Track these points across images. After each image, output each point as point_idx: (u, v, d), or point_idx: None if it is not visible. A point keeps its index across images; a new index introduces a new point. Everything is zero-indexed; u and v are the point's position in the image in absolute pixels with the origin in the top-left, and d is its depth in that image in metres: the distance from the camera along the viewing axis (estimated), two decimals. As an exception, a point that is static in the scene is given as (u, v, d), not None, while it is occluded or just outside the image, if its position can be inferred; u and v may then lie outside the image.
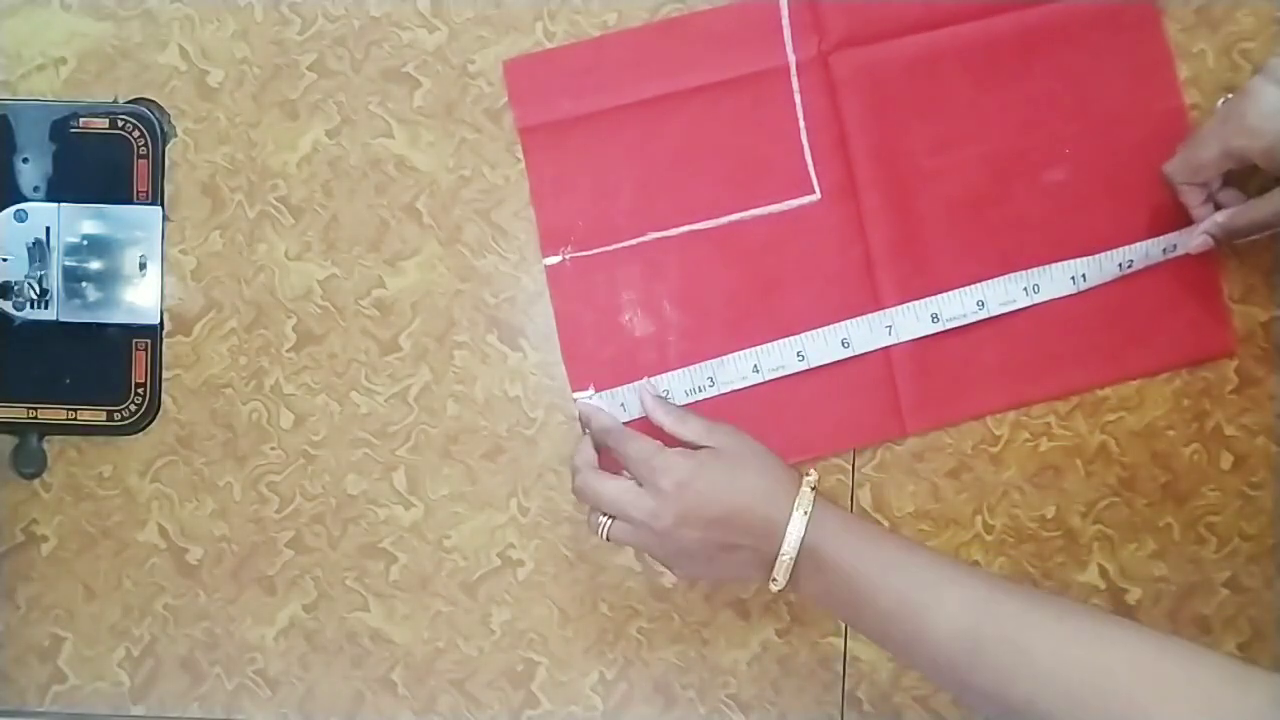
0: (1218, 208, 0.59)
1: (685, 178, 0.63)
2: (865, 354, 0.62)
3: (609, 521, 0.56)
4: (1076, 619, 0.47)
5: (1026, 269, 0.62)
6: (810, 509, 0.53)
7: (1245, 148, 0.55)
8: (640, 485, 0.55)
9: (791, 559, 0.53)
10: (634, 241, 0.63)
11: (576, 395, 0.63)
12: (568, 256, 0.63)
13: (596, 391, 0.62)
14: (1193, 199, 0.60)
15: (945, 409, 0.63)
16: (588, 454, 0.59)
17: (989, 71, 0.62)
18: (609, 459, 0.59)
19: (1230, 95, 0.57)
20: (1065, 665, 0.46)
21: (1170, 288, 0.62)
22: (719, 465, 0.55)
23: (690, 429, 0.57)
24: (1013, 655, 0.47)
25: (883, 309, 0.62)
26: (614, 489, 0.56)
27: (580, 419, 0.61)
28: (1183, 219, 0.61)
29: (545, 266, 0.63)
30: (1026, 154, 0.62)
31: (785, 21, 0.62)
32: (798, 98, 0.62)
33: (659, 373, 0.62)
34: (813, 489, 0.54)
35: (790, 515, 0.53)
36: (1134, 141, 0.62)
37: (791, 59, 0.62)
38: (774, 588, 0.54)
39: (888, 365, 0.62)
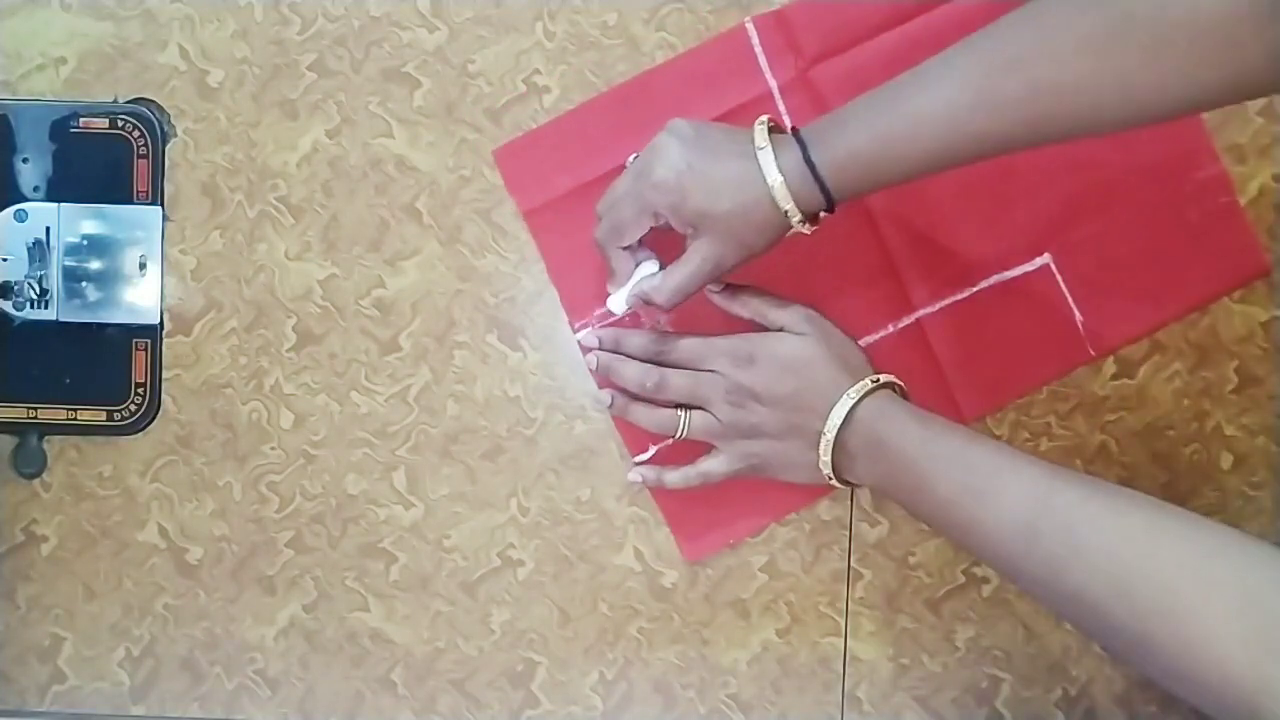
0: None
1: None
2: (906, 350, 0.62)
3: (687, 415, 0.59)
4: (1133, 511, 0.48)
5: (1050, 233, 0.61)
6: (862, 395, 0.55)
7: (655, 202, 0.54)
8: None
9: (830, 439, 0.55)
10: None
11: (636, 459, 0.62)
12: (597, 326, 0.63)
13: (655, 448, 0.63)
14: (622, 265, 0.58)
15: (998, 389, 0.63)
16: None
17: None
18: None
19: (638, 154, 0.57)
20: (1115, 558, 0.46)
21: (1192, 220, 0.62)
22: (788, 344, 0.57)
23: (753, 308, 0.59)
24: (1066, 546, 0.48)
25: (916, 309, 0.62)
26: (686, 376, 0.58)
27: (597, 363, 0.61)
28: (1194, 151, 0.61)
29: (578, 341, 0.62)
30: None
31: (757, 48, 0.62)
32: (787, 120, 0.62)
33: None
34: (875, 382, 0.56)
35: (840, 398, 0.55)
36: None
37: (772, 83, 0.62)
38: (824, 473, 0.56)
39: (933, 362, 0.62)
